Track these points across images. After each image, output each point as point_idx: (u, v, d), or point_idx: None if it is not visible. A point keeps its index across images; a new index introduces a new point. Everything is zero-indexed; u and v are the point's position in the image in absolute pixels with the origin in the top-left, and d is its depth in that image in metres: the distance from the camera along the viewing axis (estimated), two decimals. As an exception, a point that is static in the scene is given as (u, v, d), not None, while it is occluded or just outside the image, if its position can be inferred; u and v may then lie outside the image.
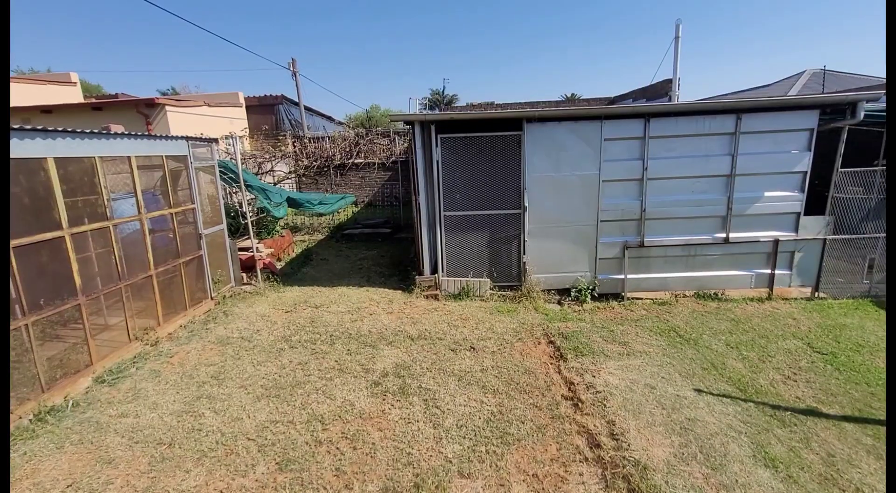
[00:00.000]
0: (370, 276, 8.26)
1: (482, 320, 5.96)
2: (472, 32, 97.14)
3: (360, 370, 4.72)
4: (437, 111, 29.11)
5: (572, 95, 33.98)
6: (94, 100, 15.54)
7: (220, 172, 7.55)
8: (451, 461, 3.35)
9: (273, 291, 7.44)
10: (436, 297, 6.87)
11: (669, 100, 12.70)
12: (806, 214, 6.45)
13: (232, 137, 7.74)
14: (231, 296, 7.14)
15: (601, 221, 6.62)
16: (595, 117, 6.35)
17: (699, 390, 4.22)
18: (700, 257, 6.68)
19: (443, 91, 38.30)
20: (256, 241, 8.69)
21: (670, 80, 12.85)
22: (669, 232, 6.62)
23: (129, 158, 5.39)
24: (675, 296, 6.65)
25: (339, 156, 13.91)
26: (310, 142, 14.28)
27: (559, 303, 6.68)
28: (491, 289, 6.94)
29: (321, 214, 12.43)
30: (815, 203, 6.55)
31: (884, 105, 7.15)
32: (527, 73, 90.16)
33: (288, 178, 14.05)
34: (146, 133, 5.70)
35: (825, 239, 6.44)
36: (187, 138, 6.47)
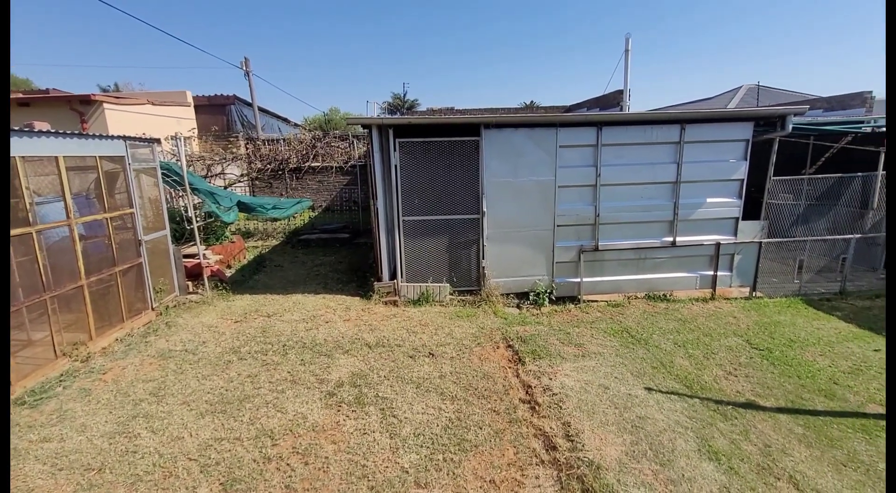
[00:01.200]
0: (327, 282, 8.02)
1: (441, 326, 5.91)
2: (435, 36, 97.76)
3: (314, 381, 4.55)
4: (398, 115, 29.00)
5: (531, 102, 34.78)
6: (20, 95, 14.26)
7: (164, 174, 7.11)
8: (407, 472, 3.27)
9: (222, 300, 7.07)
10: (395, 303, 6.76)
11: (621, 109, 13.26)
12: (744, 218, 6.89)
13: (177, 138, 7.30)
14: (175, 306, 6.70)
15: (558, 225, 6.77)
16: (551, 124, 6.50)
17: (649, 389, 4.36)
18: (650, 260, 6.97)
19: (404, 95, 38.23)
20: (203, 247, 8.24)
21: (622, 91, 13.44)
22: (622, 236, 6.87)
23: (56, 158, 4.96)
24: (628, 298, 6.90)
25: (294, 159, 13.47)
26: (264, 144, 13.74)
27: (518, 307, 6.75)
28: (450, 294, 6.91)
29: (275, 219, 11.99)
30: (751, 209, 7.02)
31: (809, 119, 7.79)
32: (487, 80, 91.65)
33: (240, 181, 13.46)
34: (77, 132, 5.26)
35: (761, 242, 6.89)
36: (125, 138, 6.05)
